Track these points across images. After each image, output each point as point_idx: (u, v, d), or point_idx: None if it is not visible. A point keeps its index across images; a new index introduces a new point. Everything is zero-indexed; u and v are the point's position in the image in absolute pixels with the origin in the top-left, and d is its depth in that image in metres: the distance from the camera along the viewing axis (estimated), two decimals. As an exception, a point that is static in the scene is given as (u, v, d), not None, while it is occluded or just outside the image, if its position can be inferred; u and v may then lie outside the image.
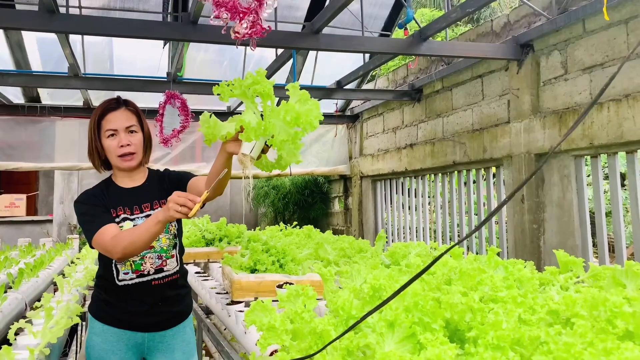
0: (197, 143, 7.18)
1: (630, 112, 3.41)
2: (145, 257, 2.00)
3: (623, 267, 1.56)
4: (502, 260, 1.82)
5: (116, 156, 1.98)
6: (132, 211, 2.01)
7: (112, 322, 2.00)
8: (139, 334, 2.03)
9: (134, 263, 1.98)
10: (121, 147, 1.97)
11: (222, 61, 6.48)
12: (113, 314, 2.00)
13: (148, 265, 2.00)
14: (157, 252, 2.03)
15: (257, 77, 1.63)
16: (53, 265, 4.68)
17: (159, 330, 2.06)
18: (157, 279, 2.02)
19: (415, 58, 6.02)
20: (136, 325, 2.01)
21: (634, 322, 1.10)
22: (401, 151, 6.27)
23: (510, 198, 0.90)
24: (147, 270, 2.00)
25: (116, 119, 1.97)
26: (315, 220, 8.68)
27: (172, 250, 2.07)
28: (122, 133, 1.97)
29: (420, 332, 1.08)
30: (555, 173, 4.05)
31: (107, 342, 1.99)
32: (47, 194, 12.22)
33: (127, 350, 2.01)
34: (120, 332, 2.00)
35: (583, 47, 3.85)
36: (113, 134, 1.97)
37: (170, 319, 2.07)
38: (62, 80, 5.33)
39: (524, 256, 4.17)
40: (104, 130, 1.96)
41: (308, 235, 4.09)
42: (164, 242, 2.05)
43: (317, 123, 1.58)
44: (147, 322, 2.02)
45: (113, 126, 1.96)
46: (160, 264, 2.03)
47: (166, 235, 2.05)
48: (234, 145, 1.64)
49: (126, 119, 1.99)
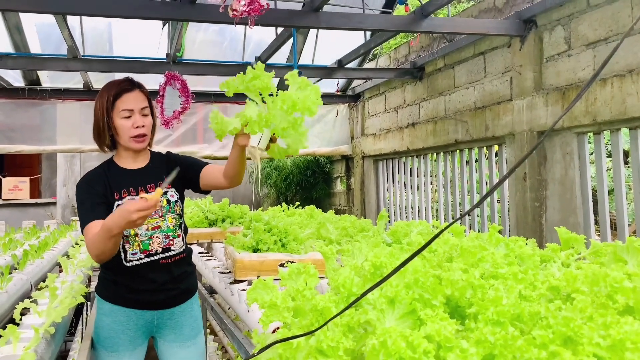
0: (199, 124, 7.16)
1: (634, 88, 3.37)
2: (153, 237, 2.03)
3: (624, 244, 1.56)
4: (503, 238, 1.82)
5: (130, 137, 1.99)
6: (137, 192, 2.03)
7: (122, 302, 2.03)
8: (149, 313, 2.06)
9: (142, 243, 2.01)
10: (136, 128, 1.98)
11: (222, 42, 6.42)
12: (122, 294, 2.03)
13: (156, 244, 2.03)
14: (164, 232, 2.06)
15: (256, 71, 1.74)
16: (57, 246, 4.72)
17: (168, 308, 2.10)
18: (165, 257, 2.06)
19: (416, 35, 5.95)
20: (146, 304, 2.05)
21: (634, 297, 1.10)
22: (403, 130, 6.25)
23: (511, 173, 0.90)
24: (155, 250, 2.03)
25: (132, 99, 1.98)
26: (318, 200, 8.70)
27: (178, 230, 2.11)
28: (137, 114, 1.99)
29: (421, 309, 1.08)
30: (558, 150, 4.03)
31: (116, 322, 2.02)
32: (50, 176, 12.25)
33: (137, 330, 2.04)
34: (130, 312, 2.03)
35: (587, 22, 3.80)
36: (129, 115, 1.97)
37: (178, 295, 2.11)
38: (61, 62, 5.29)
39: (526, 234, 4.18)
40: (119, 110, 1.96)
41: (310, 215, 4.10)
42: (170, 221, 2.08)
43: (315, 108, 1.65)
44: (157, 300, 2.06)
45: (129, 106, 1.97)
46: (168, 243, 2.06)
47: (172, 214, 2.09)
48: (244, 138, 1.77)
49: (141, 101, 2.01)
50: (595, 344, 0.87)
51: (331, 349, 1.00)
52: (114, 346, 2.01)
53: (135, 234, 1.99)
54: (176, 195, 2.12)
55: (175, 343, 2.13)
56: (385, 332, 0.93)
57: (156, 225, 2.03)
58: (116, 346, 2.01)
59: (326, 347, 1.01)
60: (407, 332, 0.92)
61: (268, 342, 1.16)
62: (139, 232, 2.00)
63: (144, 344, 2.11)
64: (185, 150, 6.92)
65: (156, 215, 2.03)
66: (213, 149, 7.12)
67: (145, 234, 2.01)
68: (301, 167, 8.94)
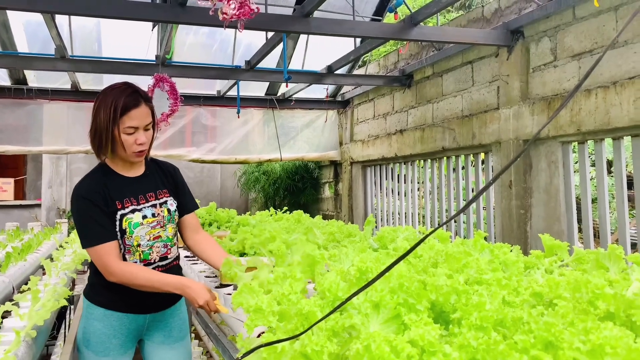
0: (187, 127, 7.13)
1: (618, 99, 3.43)
2: (154, 247, 2.04)
3: (606, 251, 1.58)
4: (488, 244, 1.84)
5: (131, 152, 1.97)
6: (138, 201, 2.03)
7: (115, 307, 2.03)
8: (141, 316, 2.08)
9: (142, 253, 2.03)
10: (139, 145, 1.96)
11: (212, 45, 6.42)
12: (115, 299, 2.02)
13: (155, 254, 2.06)
14: (163, 242, 2.08)
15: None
16: (41, 249, 4.66)
17: (159, 310, 2.13)
18: (161, 265, 2.08)
19: (406, 43, 6.00)
20: (139, 308, 2.06)
21: (615, 303, 1.12)
22: (391, 137, 6.28)
23: (495, 179, 0.91)
24: (154, 259, 2.05)
25: (138, 116, 1.94)
26: (306, 205, 8.70)
27: (174, 239, 2.14)
28: (141, 130, 1.96)
29: (405, 313, 1.09)
30: (543, 159, 4.08)
31: (108, 326, 2.02)
32: (36, 178, 12.11)
33: (128, 334, 2.06)
34: (123, 316, 2.04)
35: (573, 33, 3.86)
36: (133, 132, 1.94)
37: (168, 297, 2.13)
38: (49, 62, 5.24)
39: (511, 241, 4.22)
40: (125, 125, 1.92)
41: (298, 220, 4.10)
42: (170, 231, 2.11)
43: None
44: (149, 303, 2.07)
45: (135, 124, 1.93)
46: (165, 252, 2.09)
47: (172, 224, 2.12)
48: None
49: (146, 116, 1.97)
50: (576, 348, 0.88)
51: (315, 353, 1.01)
52: (105, 350, 2.01)
53: (137, 244, 2.00)
54: (175, 204, 2.12)
55: (165, 345, 2.15)
56: (370, 336, 0.93)
57: (157, 235, 2.05)
58: (107, 350, 2.01)
59: (310, 352, 1.01)
60: (391, 337, 0.93)
61: (253, 347, 1.16)
62: (141, 242, 2.00)
63: (134, 347, 2.13)
64: (172, 154, 6.88)
65: (158, 225, 2.04)
66: (201, 152, 7.09)
67: (147, 244, 2.02)
68: (290, 172, 8.94)
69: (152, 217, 2.03)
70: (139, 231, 1.99)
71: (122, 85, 1.98)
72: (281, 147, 7.45)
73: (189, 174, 10.41)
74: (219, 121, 7.17)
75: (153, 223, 2.03)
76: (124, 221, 1.97)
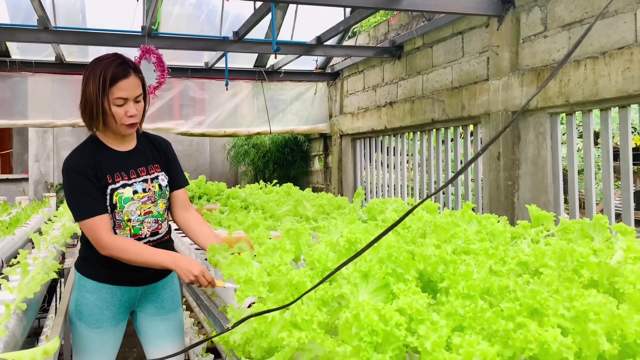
0: (175, 100, 7.04)
1: (606, 70, 3.43)
2: (144, 222, 2.04)
3: (591, 221, 1.61)
4: (475, 215, 1.86)
5: (121, 124, 1.94)
6: (129, 176, 2.01)
7: (107, 279, 2.04)
8: (134, 289, 2.10)
9: (133, 228, 2.02)
10: (129, 117, 1.93)
11: (199, 15, 6.29)
12: (108, 272, 2.03)
13: (146, 229, 2.05)
14: (154, 217, 2.08)
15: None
16: (29, 223, 4.64)
17: (151, 283, 2.15)
18: (152, 240, 2.08)
19: (396, 13, 5.92)
20: (131, 281, 2.07)
21: (599, 271, 1.14)
22: (381, 109, 6.26)
23: (484, 150, 0.91)
24: (145, 234, 2.05)
25: (127, 87, 1.90)
26: (295, 178, 8.70)
27: (165, 214, 2.14)
28: (131, 102, 1.93)
29: (394, 283, 1.11)
30: (531, 130, 4.10)
31: (101, 299, 2.03)
32: (22, 151, 11.96)
33: (120, 306, 2.08)
34: (115, 289, 2.05)
35: (563, 3, 3.83)
36: (123, 103, 1.91)
37: (160, 270, 2.11)
38: (31, 33, 5.11)
39: (499, 212, 4.26)
40: (114, 97, 1.88)
41: (287, 192, 4.11)
42: (161, 206, 2.10)
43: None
44: (141, 276, 2.09)
45: (124, 95, 1.90)
46: (156, 227, 2.09)
47: (163, 200, 2.11)
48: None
49: (136, 87, 1.93)
50: (560, 315, 0.90)
51: (305, 322, 1.02)
52: (97, 322, 2.03)
53: (128, 219, 1.99)
54: (166, 180, 2.11)
55: (157, 316, 2.18)
56: (359, 305, 0.95)
57: (148, 210, 2.04)
58: (99, 322, 2.03)
59: (300, 321, 1.02)
60: (379, 306, 0.94)
61: (243, 317, 1.17)
62: (132, 217, 2.00)
63: (126, 319, 2.15)
64: (161, 127, 6.80)
65: (149, 201, 2.03)
66: (189, 125, 7.02)
67: (137, 219, 2.02)
68: (279, 145, 8.90)
69: (143, 192, 2.02)
70: (129, 206, 1.98)
71: (111, 56, 1.94)
72: (270, 120, 7.40)
73: (178, 147, 10.31)
74: (207, 94, 7.09)
75: (144, 198, 2.02)
76: (114, 196, 1.96)
